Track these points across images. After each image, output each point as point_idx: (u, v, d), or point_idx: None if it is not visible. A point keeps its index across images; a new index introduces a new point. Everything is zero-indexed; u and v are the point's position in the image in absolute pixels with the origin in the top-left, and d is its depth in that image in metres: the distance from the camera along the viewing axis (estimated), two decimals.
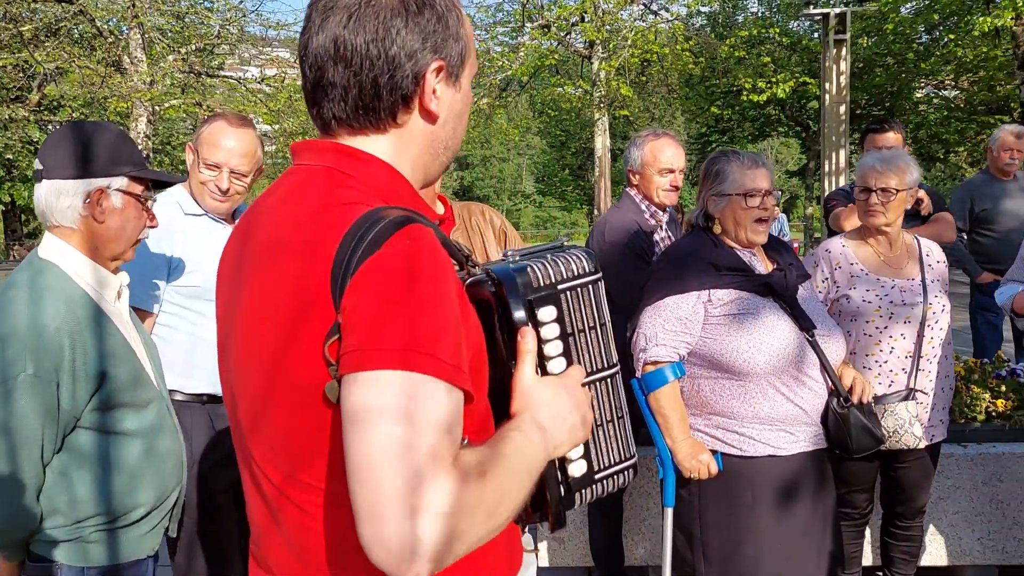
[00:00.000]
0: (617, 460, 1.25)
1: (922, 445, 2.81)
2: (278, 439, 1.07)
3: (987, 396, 3.55)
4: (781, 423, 2.44)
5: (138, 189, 1.97)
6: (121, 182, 1.92)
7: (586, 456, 1.21)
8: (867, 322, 2.85)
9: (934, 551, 3.46)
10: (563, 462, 1.19)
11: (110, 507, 1.88)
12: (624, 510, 3.48)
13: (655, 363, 2.48)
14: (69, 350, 1.76)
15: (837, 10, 13.85)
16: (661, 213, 3.41)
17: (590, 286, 1.20)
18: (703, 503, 2.49)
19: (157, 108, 15.17)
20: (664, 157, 3.33)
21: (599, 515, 3.43)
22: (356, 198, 1.04)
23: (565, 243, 1.28)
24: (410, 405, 0.90)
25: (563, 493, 1.20)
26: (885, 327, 2.84)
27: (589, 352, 1.20)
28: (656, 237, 3.35)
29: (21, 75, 17.25)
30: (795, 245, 15.88)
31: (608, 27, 15.87)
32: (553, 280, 1.16)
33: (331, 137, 1.12)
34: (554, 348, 1.16)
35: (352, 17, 1.05)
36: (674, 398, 2.48)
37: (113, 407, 1.86)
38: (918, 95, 22.05)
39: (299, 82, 1.05)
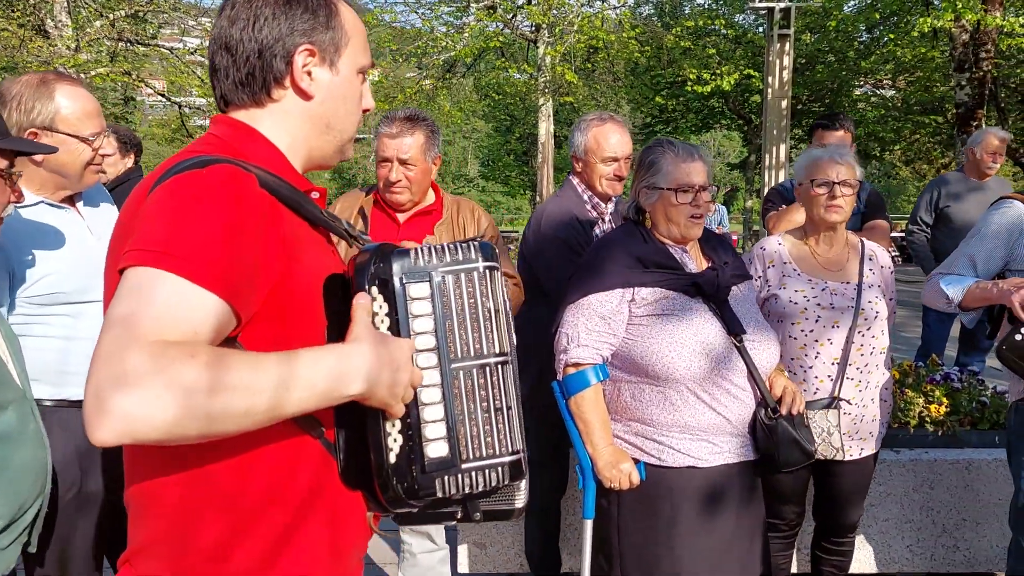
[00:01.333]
0: (490, 453, 1.21)
1: (840, 457, 2.68)
2: None
3: (921, 401, 3.48)
4: (702, 432, 2.29)
5: (2, 163, 1.75)
6: None
7: (449, 440, 1.20)
8: (792, 323, 2.72)
9: (863, 558, 3.39)
10: (417, 440, 1.19)
11: None
12: (563, 515, 3.32)
13: (577, 365, 2.31)
14: None
15: (782, 4, 13.92)
16: (604, 204, 3.22)
17: (475, 273, 1.22)
18: (622, 514, 2.34)
19: (83, 76, 14.44)
20: (609, 144, 3.13)
21: (534, 518, 3.26)
22: (204, 150, 1.21)
23: (480, 238, 1.31)
24: (142, 295, 1.01)
25: (416, 473, 1.19)
26: (811, 330, 2.71)
27: (468, 335, 1.21)
28: (598, 230, 3.16)
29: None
30: (734, 238, 15.99)
31: (555, 11, 15.66)
32: (433, 262, 1.21)
33: (226, 113, 1.31)
34: (422, 324, 1.20)
35: (233, 10, 1.26)
36: (595, 402, 2.31)
37: None
38: (857, 93, 22.43)
39: None
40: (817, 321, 2.70)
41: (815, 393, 2.70)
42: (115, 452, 2.05)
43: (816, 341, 2.71)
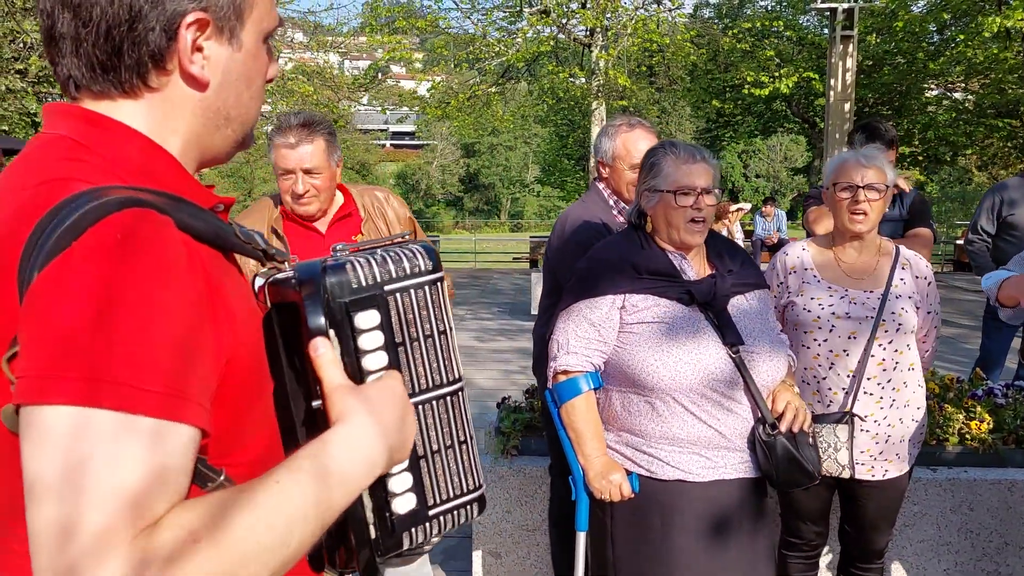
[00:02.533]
0: (457, 493, 1.07)
1: (846, 475, 2.53)
2: None
3: (961, 417, 3.30)
4: (692, 446, 2.18)
5: None
6: None
7: (416, 489, 1.02)
8: (805, 332, 2.59)
9: None
10: (384, 495, 1.00)
11: None
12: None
13: (566, 372, 2.23)
14: None
15: (845, 5, 13.54)
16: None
17: (427, 287, 1.02)
18: (615, 525, 2.25)
19: None
20: (637, 150, 3.04)
21: (558, 525, 3.18)
22: (76, 173, 0.84)
23: (408, 237, 1.12)
24: (79, 463, 0.69)
25: (380, 534, 1.00)
26: (825, 340, 2.57)
27: (425, 365, 1.03)
28: None
29: (16, 45, 16.96)
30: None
31: (608, 15, 15.53)
32: (379, 279, 0.98)
33: (75, 101, 0.94)
34: (376, 361, 0.98)
35: None
36: (587, 411, 2.23)
37: None
38: (928, 95, 21.69)
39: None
40: (832, 331, 2.57)
41: (828, 406, 2.57)
42: None
43: (831, 352, 2.57)
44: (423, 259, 1.02)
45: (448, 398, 1.05)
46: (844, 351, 2.56)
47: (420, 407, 1.02)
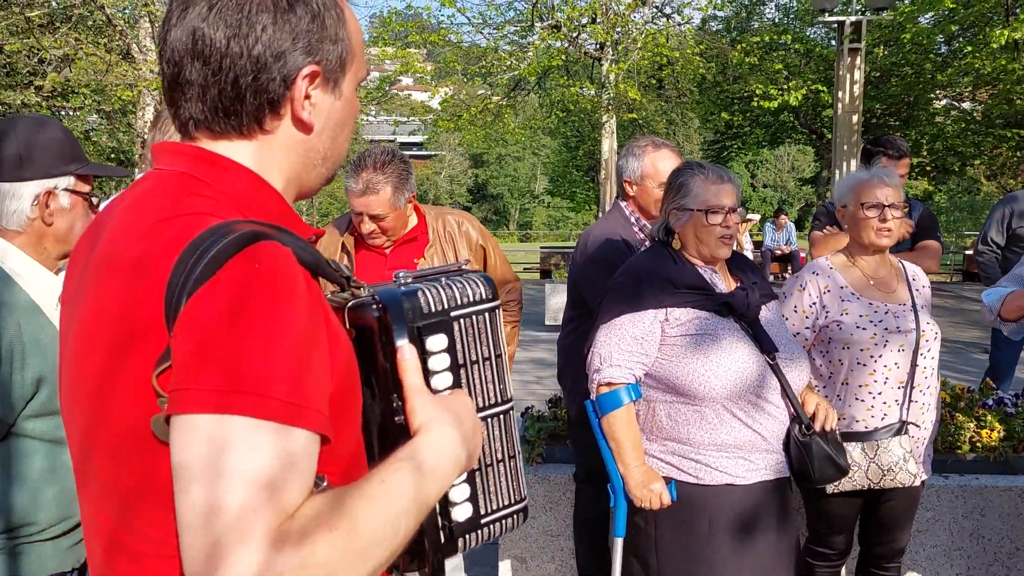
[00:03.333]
0: (506, 503, 1.17)
1: (918, 482, 2.65)
2: (107, 480, 0.95)
3: (972, 425, 3.41)
4: (739, 450, 2.31)
5: (85, 188, 1.90)
6: (68, 181, 1.84)
7: (472, 499, 1.13)
8: (861, 350, 2.66)
9: None
10: (445, 504, 1.10)
11: (10, 520, 1.78)
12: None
13: (609, 384, 2.35)
14: (13, 358, 1.70)
15: (853, 18, 13.65)
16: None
17: (486, 314, 1.13)
18: (659, 533, 2.37)
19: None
20: (665, 169, 3.18)
21: (585, 530, 3.30)
22: (205, 208, 0.93)
23: (464, 267, 1.19)
24: (219, 458, 0.80)
25: (443, 539, 1.10)
26: (880, 355, 2.65)
27: (483, 385, 1.13)
28: None
29: (32, 60, 17.21)
30: (802, 255, 15.67)
31: (618, 29, 15.70)
32: (446, 306, 1.09)
33: (191, 141, 1.02)
34: (443, 380, 1.08)
35: (213, 9, 0.96)
36: (628, 422, 2.35)
37: (44, 415, 1.77)
38: (936, 106, 21.76)
39: None
40: (885, 345, 2.66)
41: (883, 419, 2.65)
42: None
43: (884, 366, 2.66)
44: (483, 288, 1.13)
45: (501, 416, 1.16)
46: (895, 364, 2.66)
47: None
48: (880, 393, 2.66)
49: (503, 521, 1.17)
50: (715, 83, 21.75)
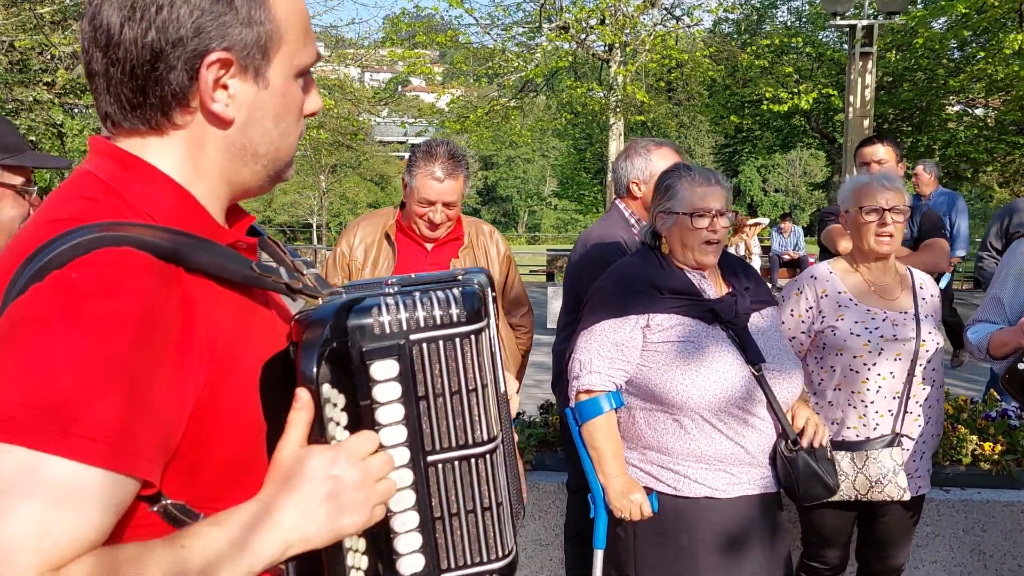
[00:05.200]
0: (478, 561, 1.01)
1: (907, 497, 2.55)
2: None
3: (974, 438, 3.31)
4: (720, 463, 2.23)
5: (15, 179, 1.84)
6: None
7: (426, 551, 0.98)
8: (854, 357, 2.58)
9: None
10: (390, 554, 0.97)
11: None
12: None
13: (589, 391, 2.28)
14: None
15: (865, 22, 13.55)
16: None
17: (458, 339, 0.95)
18: (639, 543, 2.29)
19: None
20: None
21: (572, 542, 3.22)
22: (84, 215, 0.85)
23: (461, 277, 1.03)
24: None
25: None
26: (874, 363, 2.58)
27: (450, 420, 0.96)
28: None
29: (44, 57, 17.24)
30: (811, 260, 15.55)
31: (627, 31, 15.61)
32: (404, 327, 0.93)
33: (111, 136, 0.96)
34: (389, 414, 0.94)
35: None
36: (609, 430, 2.27)
37: None
38: (949, 111, 21.60)
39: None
40: (880, 354, 2.58)
41: (875, 429, 2.58)
42: None
43: (879, 374, 2.58)
44: (457, 307, 0.95)
45: (474, 460, 0.99)
46: (891, 373, 2.58)
47: (440, 466, 0.98)
48: (873, 402, 2.58)
49: None
50: (725, 86, 21.63)
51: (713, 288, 2.36)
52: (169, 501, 0.84)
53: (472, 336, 0.96)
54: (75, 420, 0.74)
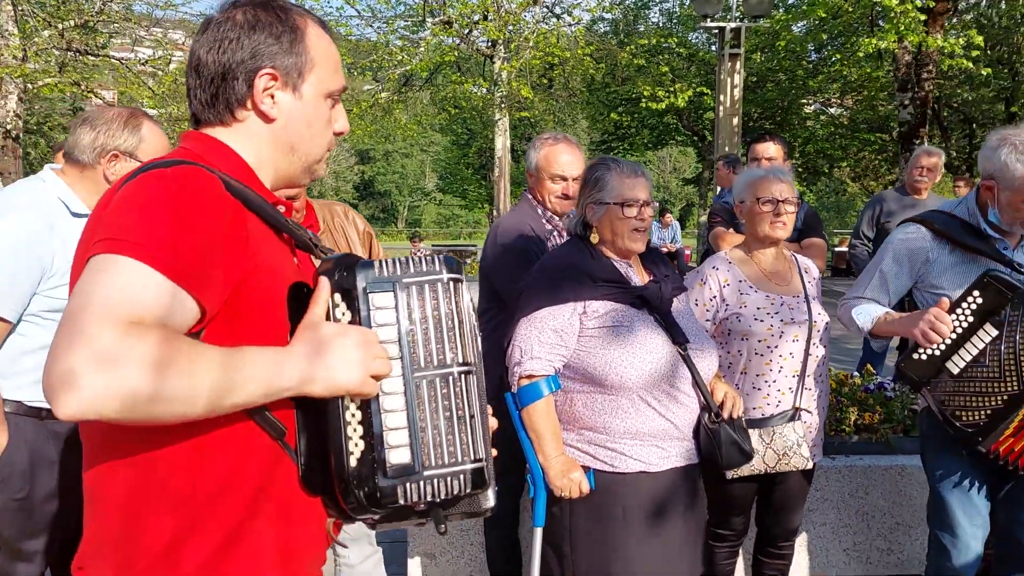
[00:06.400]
0: (453, 462, 1.24)
1: (810, 466, 2.78)
2: None
3: (856, 410, 3.62)
4: (653, 438, 2.38)
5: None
6: None
7: (411, 447, 1.22)
8: (759, 341, 2.78)
9: (801, 562, 3.51)
10: (381, 445, 1.21)
11: None
12: (522, 522, 3.37)
13: (530, 376, 2.38)
14: None
15: (733, 25, 14.23)
16: (559, 219, 3.30)
17: (438, 283, 1.25)
18: (574, 520, 2.41)
19: (30, 86, 14.18)
20: (558, 163, 3.22)
21: (494, 525, 3.30)
22: (172, 157, 1.29)
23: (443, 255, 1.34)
24: (99, 278, 1.08)
25: (377, 477, 1.21)
26: (776, 346, 2.78)
27: (432, 345, 1.24)
28: (551, 245, 3.23)
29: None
30: (687, 252, 16.25)
31: (510, 28, 15.81)
32: (398, 273, 1.25)
33: (199, 128, 1.37)
34: (386, 333, 1.24)
35: (205, 33, 1.33)
36: (547, 413, 2.39)
37: None
38: (806, 111, 22.97)
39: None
40: (781, 336, 2.78)
41: (777, 406, 2.78)
42: (69, 458, 2.09)
43: (780, 356, 2.78)
44: (439, 264, 1.27)
45: (452, 377, 1.25)
46: (790, 353, 2.79)
47: (423, 380, 1.24)
48: (775, 382, 2.78)
49: (448, 479, 1.23)
50: (604, 84, 22.22)
51: (637, 276, 2.51)
52: None
53: (450, 283, 1.26)
54: (166, 249, 1.10)
